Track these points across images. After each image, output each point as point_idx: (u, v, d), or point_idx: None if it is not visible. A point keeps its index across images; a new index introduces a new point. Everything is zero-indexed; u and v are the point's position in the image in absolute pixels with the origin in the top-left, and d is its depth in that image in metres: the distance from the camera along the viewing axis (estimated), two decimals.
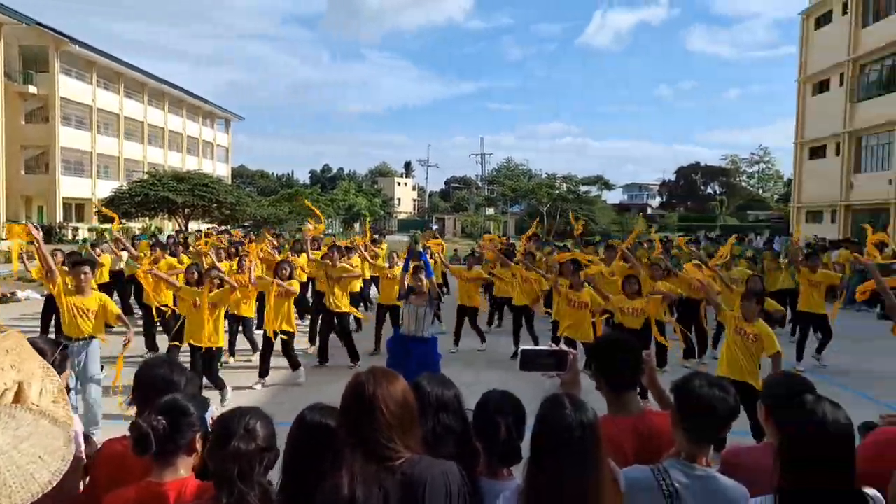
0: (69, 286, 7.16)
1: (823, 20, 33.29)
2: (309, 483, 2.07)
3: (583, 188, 60.50)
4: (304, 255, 12.68)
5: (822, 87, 33.38)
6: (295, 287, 9.28)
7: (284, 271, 9.27)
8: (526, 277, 11.36)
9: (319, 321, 10.63)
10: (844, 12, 31.04)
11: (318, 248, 13.30)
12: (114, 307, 7.28)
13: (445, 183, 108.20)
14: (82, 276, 7.13)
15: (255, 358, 9.89)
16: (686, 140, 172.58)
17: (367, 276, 13.63)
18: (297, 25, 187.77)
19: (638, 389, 2.95)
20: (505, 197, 67.11)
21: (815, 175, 33.74)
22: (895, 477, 2.19)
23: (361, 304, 14.05)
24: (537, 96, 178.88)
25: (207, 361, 7.85)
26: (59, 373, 2.45)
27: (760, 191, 79.25)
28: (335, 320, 10.09)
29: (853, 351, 12.00)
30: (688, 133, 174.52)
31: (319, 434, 2.22)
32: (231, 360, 10.30)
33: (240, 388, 8.73)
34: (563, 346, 2.66)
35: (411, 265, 7.77)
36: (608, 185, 62.27)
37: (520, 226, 61.47)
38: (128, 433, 2.28)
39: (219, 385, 7.97)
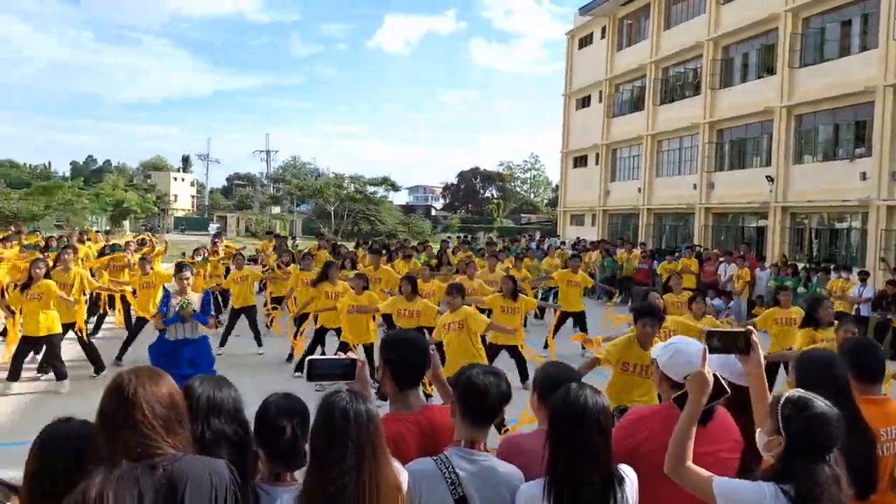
0: None
1: (586, 41, 36.59)
2: None
3: (370, 189, 60.95)
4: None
5: (585, 102, 36.64)
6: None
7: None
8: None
9: None
10: (603, 36, 34.48)
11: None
12: None
13: (227, 179, 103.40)
14: None
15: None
16: (468, 145, 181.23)
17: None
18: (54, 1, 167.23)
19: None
20: (292, 196, 65.69)
21: (578, 182, 37.04)
22: (760, 435, 2.41)
23: None
24: (326, 95, 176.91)
25: None
26: None
27: (532, 195, 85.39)
28: None
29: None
30: (470, 139, 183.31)
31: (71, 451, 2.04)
32: None
33: None
34: (351, 355, 2.64)
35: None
36: (395, 187, 63.26)
37: (307, 225, 60.54)
38: None
39: None
